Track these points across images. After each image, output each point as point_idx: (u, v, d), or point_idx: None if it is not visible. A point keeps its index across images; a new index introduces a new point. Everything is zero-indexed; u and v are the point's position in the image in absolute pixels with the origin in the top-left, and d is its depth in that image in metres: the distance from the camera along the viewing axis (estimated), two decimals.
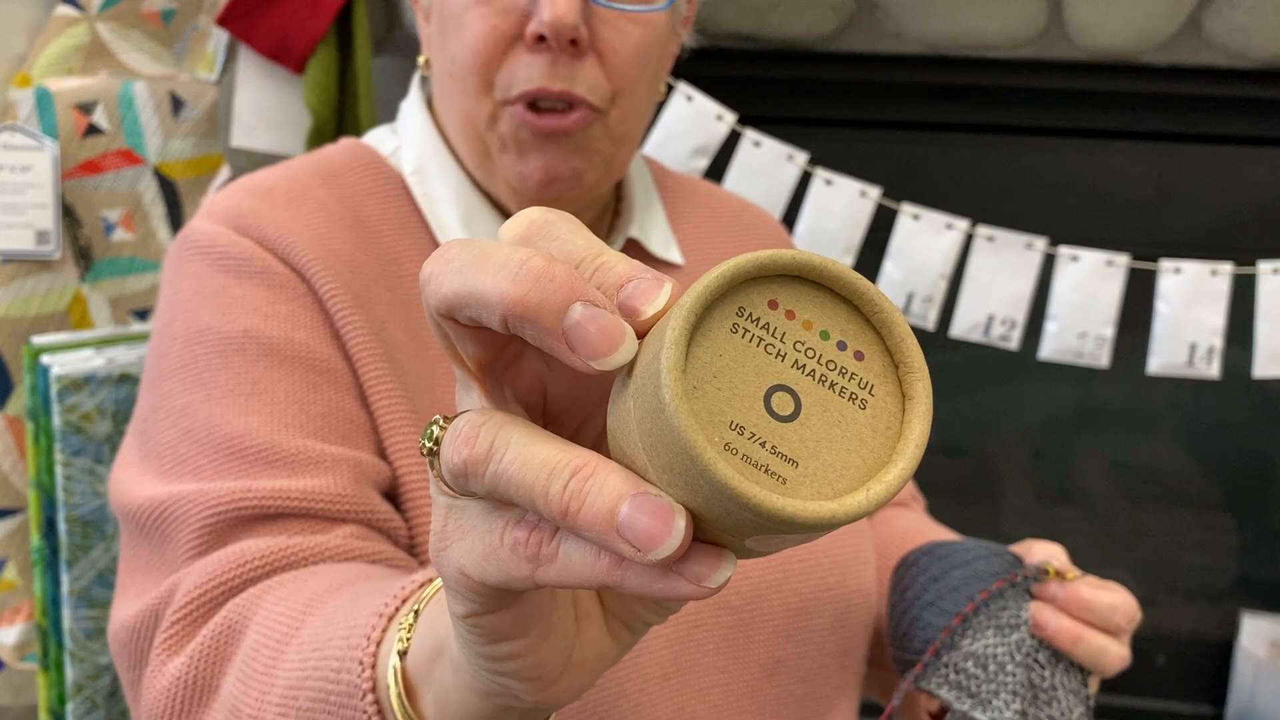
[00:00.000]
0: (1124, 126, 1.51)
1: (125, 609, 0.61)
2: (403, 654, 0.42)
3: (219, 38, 1.74)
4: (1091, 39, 1.39)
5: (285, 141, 1.26)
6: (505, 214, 0.73)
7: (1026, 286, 1.15)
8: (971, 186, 1.53)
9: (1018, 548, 0.70)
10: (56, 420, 1.30)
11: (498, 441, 0.32)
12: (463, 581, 0.34)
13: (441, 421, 0.34)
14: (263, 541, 0.58)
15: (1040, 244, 1.14)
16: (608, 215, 0.78)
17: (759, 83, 1.51)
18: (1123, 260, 1.14)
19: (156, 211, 1.74)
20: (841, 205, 1.16)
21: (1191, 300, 1.14)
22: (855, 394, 0.31)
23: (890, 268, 1.17)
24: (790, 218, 1.21)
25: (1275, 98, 1.44)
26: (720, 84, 1.39)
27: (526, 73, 0.65)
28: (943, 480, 1.78)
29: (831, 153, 1.24)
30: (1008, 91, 1.50)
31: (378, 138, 0.77)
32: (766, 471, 0.29)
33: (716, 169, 1.23)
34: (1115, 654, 0.66)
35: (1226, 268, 1.14)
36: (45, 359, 1.32)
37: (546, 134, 0.66)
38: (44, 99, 1.69)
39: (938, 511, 1.78)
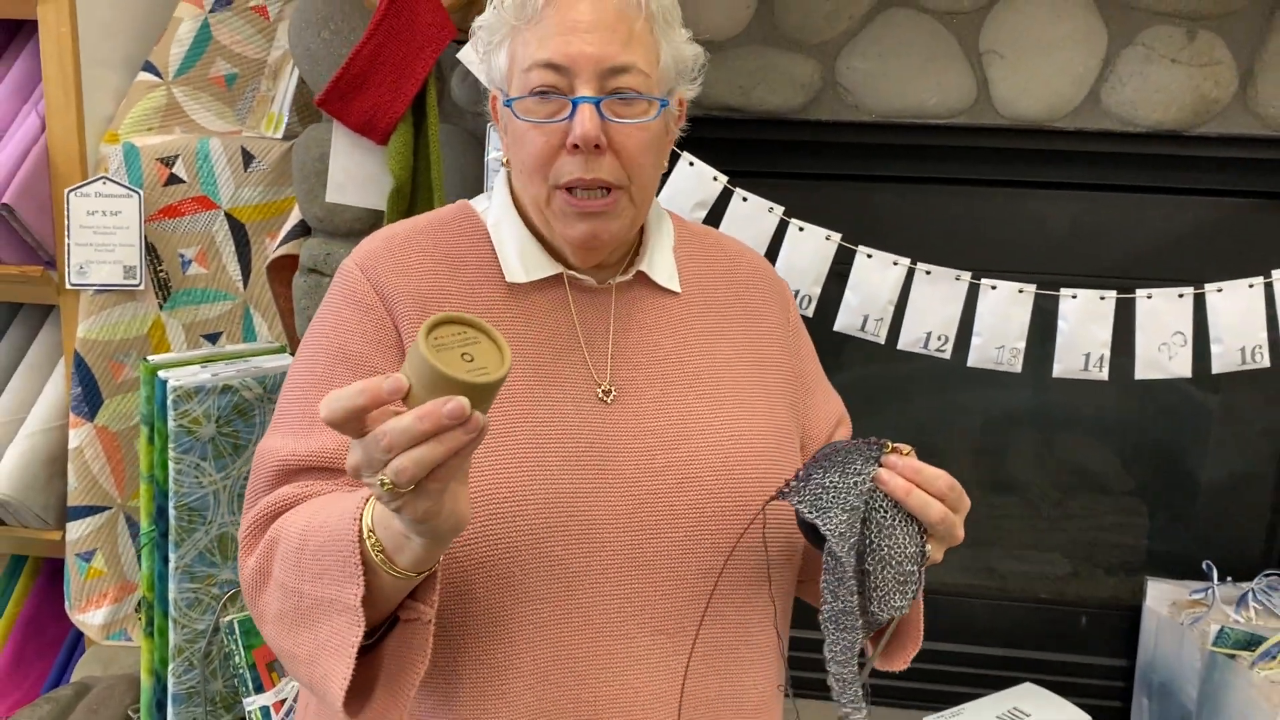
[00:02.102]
0: (1038, 179, 1.74)
1: (242, 518, 0.96)
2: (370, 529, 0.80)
3: (281, 102, 1.96)
4: (1012, 109, 1.64)
5: (369, 198, 1.49)
6: (557, 255, 1.00)
7: (956, 310, 1.43)
8: (913, 230, 1.75)
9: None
10: (171, 424, 1.54)
11: (411, 466, 0.70)
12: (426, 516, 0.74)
13: (385, 481, 0.71)
14: (293, 488, 0.92)
15: (966, 276, 1.42)
16: (630, 253, 1.04)
17: (745, 144, 1.74)
18: (1031, 289, 1.42)
19: (228, 249, 1.94)
20: (810, 247, 1.43)
21: (1085, 319, 1.42)
22: (484, 346, 0.73)
23: (849, 296, 1.44)
24: (771, 255, 1.47)
25: (1157, 155, 1.68)
26: (714, 145, 1.61)
27: (569, 168, 0.93)
28: None
29: (802, 203, 1.48)
30: (944, 151, 1.73)
31: (478, 201, 1.06)
32: (469, 374, 0.70)
33: (713, 217, 1.47)
34: (938, 509, 0.85)
35: (1111, 294, 1.42)
36: (162, 374, 1.55)
37: (587, 213, 0.95)
38: (131, 153, 1.88)
39: None
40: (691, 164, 1.43)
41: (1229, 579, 1.76)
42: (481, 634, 0.90)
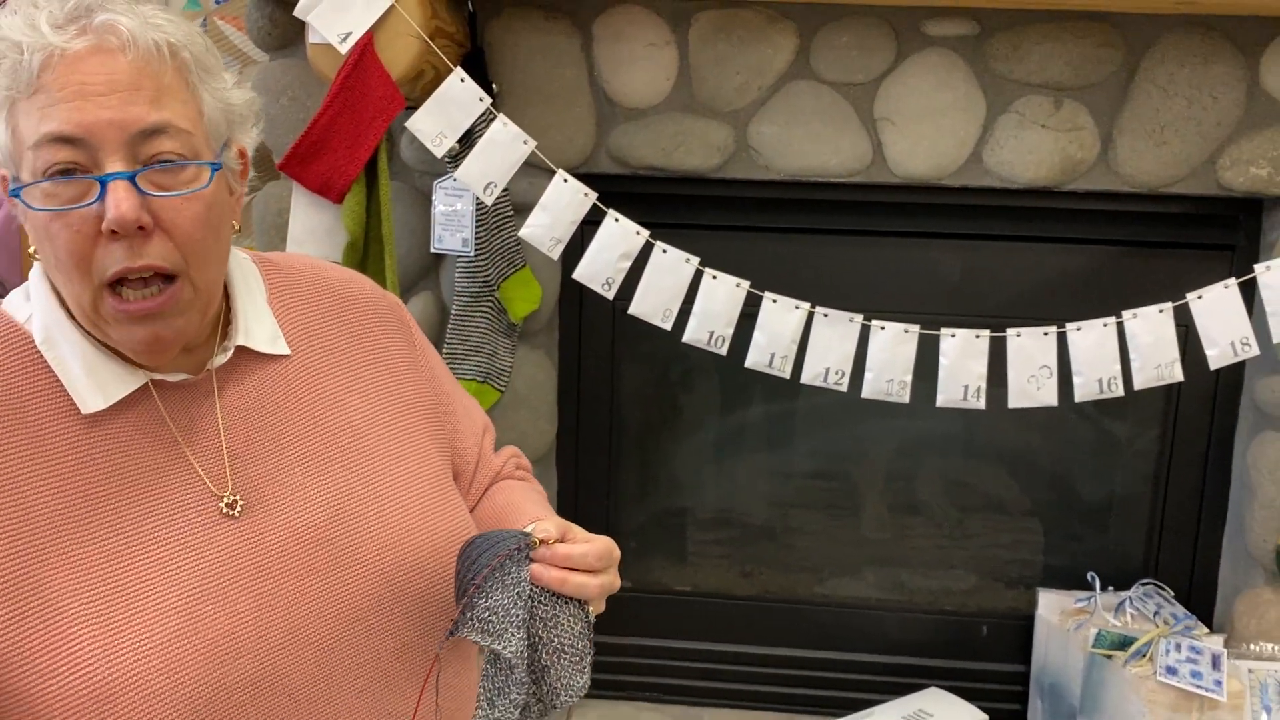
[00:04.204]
0: (926, 230, 1.91)
1: None
2: None
3: None
4: (904, 169, 1.81)
5: (326, 251, 1.62)
6: (127, 360, 0.82)
7: (851, 348, 1.59)
8: (814, 277, 1.91)
9: (530, 525, 0.85)
10: None
11: None
12: None
13: None
14: None
15: (859, 318, 1.60)
16: (219, 329, 0.87)
17: (666, 199, 1.90)
18: (915, 329, 1.59)
19: None
20: (723, 293, 1.59)
21: (963, 356, 1.59)
22: None
23: (758, 336, 1.60)
24: (688, 301, 1.60)
25: (1031, 208, 1.87)
26: (638, 200, 1.77)
27: (112, 259, 0.75)
28: (817, 500, 2.12)
29: (716, 253, 1.62)
30: (844, 206, 1.90)
31: (13, 304, 0.83)
32: None
33: (636, 267, 1.59)
34: (596, 584, 0.81)
35: (985, 333, 1.60)
36: None
37: (142, 316, 0.77)
38: None
39: (814, 524, 2.23)
40: (617, 220, 1.60)
41: (1110, 588, 1.92)
42: None
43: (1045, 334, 1.59)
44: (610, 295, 1.62)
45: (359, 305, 0.98)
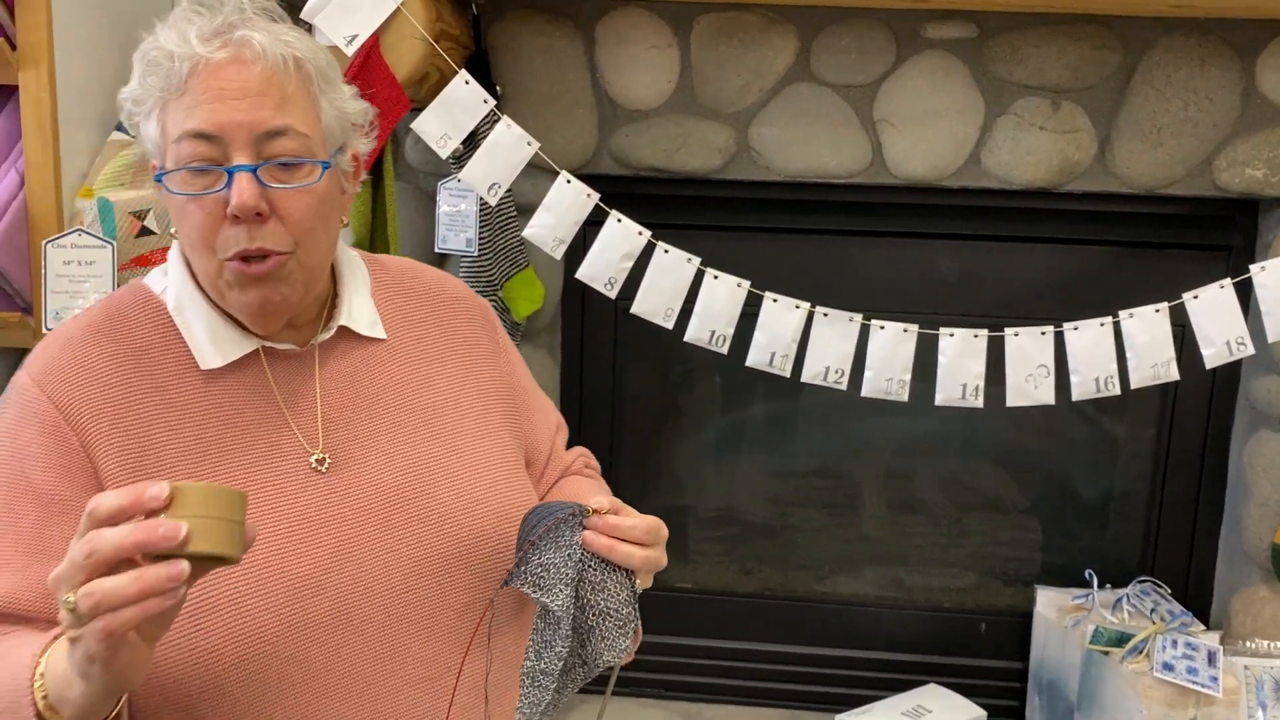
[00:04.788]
0: (925, 231, 1.93)
1: None
2: (44, 693, 0.75)
3: None
4: (903, 170, 1.83)
5: None
6: (243, 327, 0.94)
7: (850, 347, 1.61)
8: (814, 277, 1.93)
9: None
10: None
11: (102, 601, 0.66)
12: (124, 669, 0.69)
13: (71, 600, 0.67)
14: None
15: (858, 318, 1.61)
16: (325, 310, 0.98)
17: (667, 200, 1.92)
18: (914, 328, 1.61)
19: None
20: (724, 293, 1.60)
21: (961, 354, 1.61)
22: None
23: (758, 335, 1.62)
24: (689, 301, 1.62)
25: (1029, 209, 1.89)
26: (640, 200, 1.78)
27: (233, 240, 0.87)
28: (817, 498, 2.14)
29: (717, 253, 1.63)
30: (843, 207, 1.91)
31: (153, 279, 0.97)
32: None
33: (639, 267, 1.60)
34: (641, 555, 0.88)
35: (983, 332, 1.62)
36: None
37: (254, 277, 0.89)
38: (105, 207, 1.99)
39: (815, 522, 2.24)
40: (619, 220, 1.61)
41: (1108, 586, 1.94)
42: None
43: (1043, 333, 1.60)
44: (612, 295, 1.64)
45: (450, 303, 1.08)
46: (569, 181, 1.61)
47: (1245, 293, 1.58)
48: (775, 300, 1.61)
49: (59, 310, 1.94)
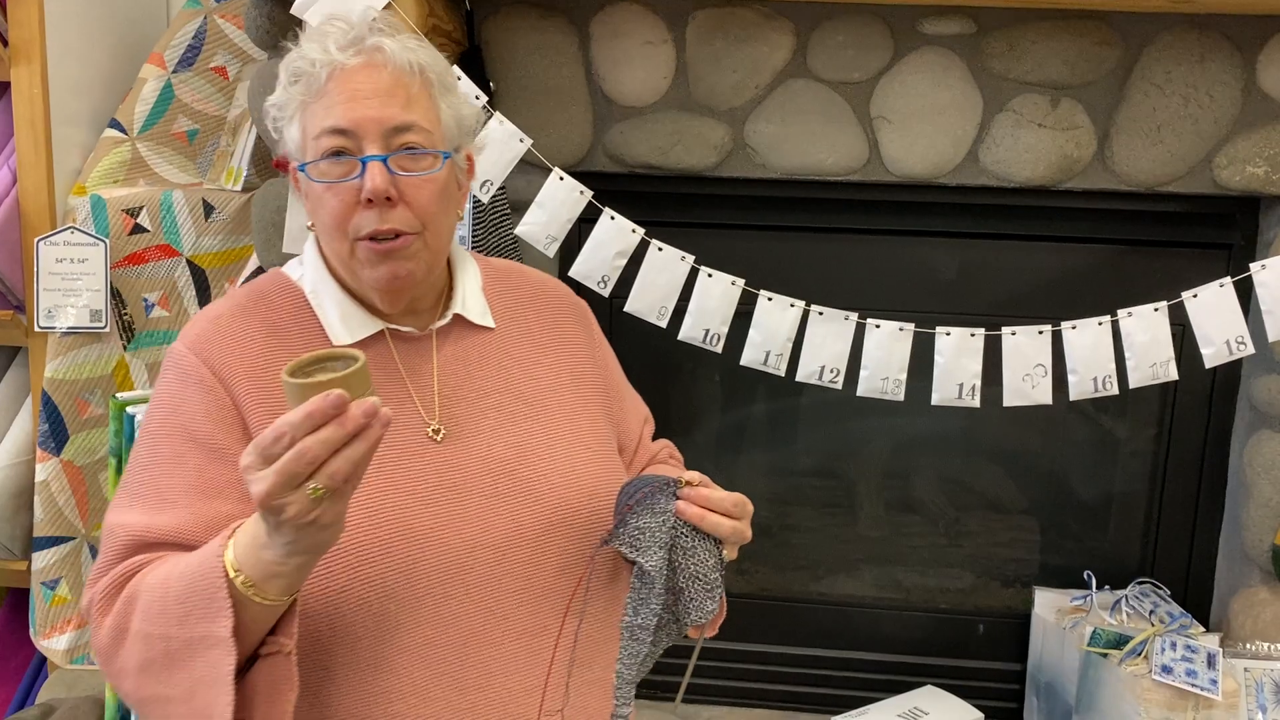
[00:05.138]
0: (922, 229, 1.91)
1: (84, 592, 1.00)
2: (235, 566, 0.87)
3: (240, 158, 2.08)
4: (900, 168, 1.81)
5: None
6: (371, 308, 1.06)
7: (845, 346, 1.60)
8: (809, 275, 1.91)
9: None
10: None
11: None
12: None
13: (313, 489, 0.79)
14: (147, 556, 0.96)
15: (854, 316, 1.60)
16: (443, 297, 1.11)
17: (662, 198, 1.90)
18: (910, 327, 1.59)
19: (189, 294, 2.05)
20: (718, 291, 1.59)
21: (958, 353, 1.59)
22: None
23: (753, 334, 1.60)
24: (683, 299, 1.62)
25: (1028, 207, 1.87)
26: (634, 199, 1.77)
27: (366, 222, 0.99)
28: (814, 498, 2.12)
29: (711, 251, 1.63)
30: (840, 204, 1.90)
31: (290, 268, 1.12)
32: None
33: (632, 265, 1.60)
34: (729, 525, 1.00)
35: (980, 331, 1.60)
36: (130, 409, 1.67)
37: (385, 253, 1.01)
38: (98, 205, 1.99)
39: (811, 523, 2.22)
40: (613, 218, 1.60)
41: (1107, 587, 1.92)
42: (364, 668, 0.98)
43: (1040, 332, 1.59)
44: (606, 293, 1.63)
45: (552, 300, 1.21)
46: (562, 179, 1.59)
47: (1246, 292, 1.56)
48: (770, 299, 1.60)
49: (51, 308, 1.94)
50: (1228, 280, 1.55)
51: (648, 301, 1.60)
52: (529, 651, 1.03)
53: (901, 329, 1.59)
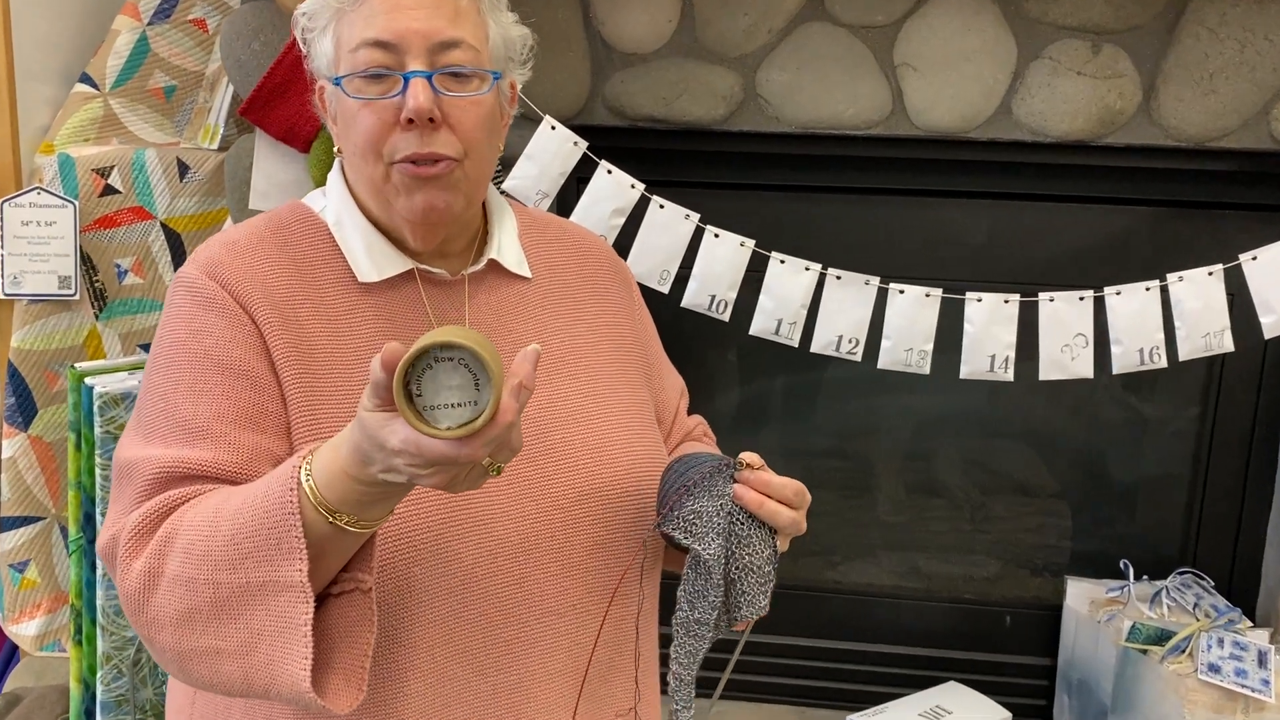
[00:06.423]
0: (950, 188, 1.82)
1: (102, 533, 0.90)
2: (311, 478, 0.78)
3: (217, 115, 1.98)
4: (926, 120, 1.71)
5: None
6: (397, 242, 0.99)
7: (866, 314, 1.48)
8: (825, 237, 1.82)
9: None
10: (98, 430, 1.55)
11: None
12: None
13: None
14: (185, 490, 0.87)
15: (875, 281, 1.48)
16: (477, 241, 1.05)
17: (665, 154, 1.80)
18: (937, 293, 1.47)
19: (164, 259, 1.96)
20: (726, 253, 1.47)
21: (990, 322, 1.47)
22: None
23: (764, 300, 1.49)
24: (688, 261, 1.52)
25: (1066, 164, 1.76)
26: (635, 154, 1.69)
27: (404, 144, 0.92)
28: (829, 480, 2.04)
29: (720, 210, 1.53)
30: (861, 161, 1.80)
31: (312, 199, 1.04)
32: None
33: (632, 223, 1.52)
34: (788, 514, 0.93)
35: (1015, 297, 1.48)
36: (89, 380, 1.57)
37: (424, 179, 0.93)
38: (66, 164, 1.89)
39: (827, 506, 2.13)
40: (610, 172, 1.48)
41: (1145, 577, 1.83)
42: (381, 639, 0.90)
43: (1081, 299, 1.46)
44: None
45: (593, 256, 1.14)
46: (554, 128, 1.47)
47: None
48: (783, 261, 1.49)
49: (17, 274, 1.85)
50: None
51: (648, 265, 1.50)
52: (554, 634, 0.97)
53: (928, 295, 1.47)
